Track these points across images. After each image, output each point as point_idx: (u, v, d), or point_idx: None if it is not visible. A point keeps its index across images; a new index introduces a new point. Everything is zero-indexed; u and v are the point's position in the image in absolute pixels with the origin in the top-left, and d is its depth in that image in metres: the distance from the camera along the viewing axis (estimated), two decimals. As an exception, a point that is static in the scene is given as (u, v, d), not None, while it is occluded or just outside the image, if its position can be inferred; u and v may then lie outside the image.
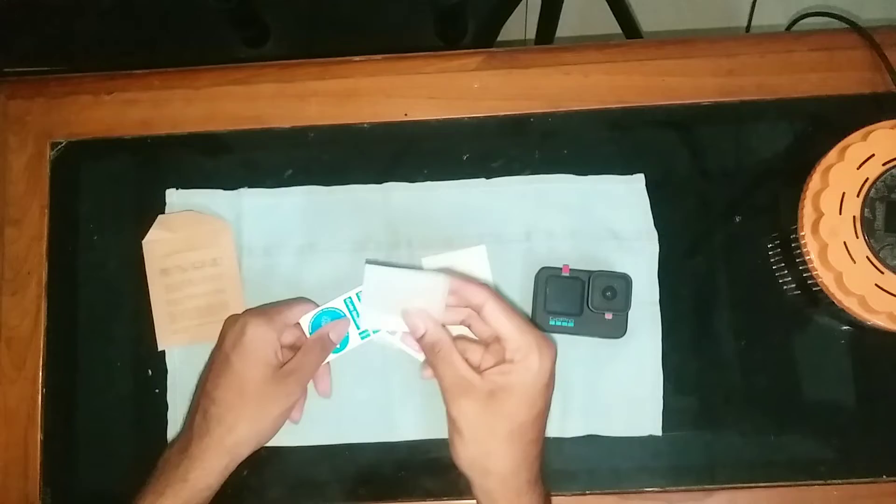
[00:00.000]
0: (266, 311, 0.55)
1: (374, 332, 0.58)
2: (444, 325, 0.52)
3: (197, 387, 0.57)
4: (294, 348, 0.56)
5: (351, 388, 0.59)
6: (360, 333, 0.58)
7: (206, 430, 0.51)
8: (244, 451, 0.52)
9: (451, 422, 0.49)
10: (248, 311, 0.56)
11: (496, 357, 0.51)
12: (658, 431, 0.58)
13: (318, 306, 0.57)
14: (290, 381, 0.53)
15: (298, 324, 0.57)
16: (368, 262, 0.52)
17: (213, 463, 0.51)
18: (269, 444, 0.58)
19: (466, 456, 0.49)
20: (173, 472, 0.51)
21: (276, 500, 0.59)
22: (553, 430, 0.58)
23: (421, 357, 0.54)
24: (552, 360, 0.49)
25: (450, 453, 0.50)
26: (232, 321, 0.55)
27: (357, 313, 0.58)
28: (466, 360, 0.50)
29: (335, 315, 0.58)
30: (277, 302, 0.58)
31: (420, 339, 0.51)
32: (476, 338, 0.54)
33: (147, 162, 0.63)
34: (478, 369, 0.50)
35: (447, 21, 0.84)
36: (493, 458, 0.48)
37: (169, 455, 0.53)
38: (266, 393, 0.52)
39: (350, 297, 0.58)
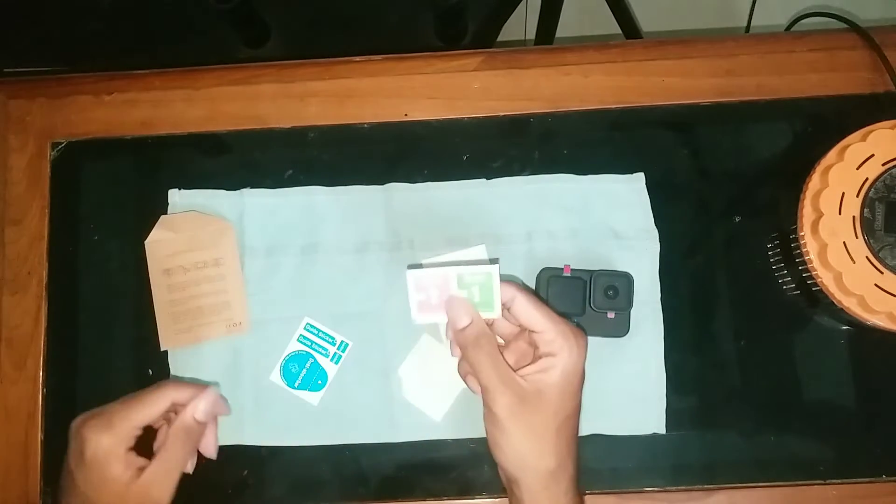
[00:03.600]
0: (108, 415, 0.48)
1: (343, 350, 0.59)
2: None
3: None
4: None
5: (351, 388, 0.59)
6: (332, 358, 0.59)
7: None
8: None
9: (494, 419, 0.47)
10: (88, 419, 0.49)
11: (516, 354, 0.50)
12: (662, 430, 0.58)
13: (182, 385, 0.51)
14: (150, 488, 0.47)
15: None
16: (410, 266, 0.50)
17: None
18: (269, 444, 0.59)
19: (514, 454, 0.47)
20: None
21: (276, 500, 0.59)
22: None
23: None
24: (585, 348, 0.48)
25: (490, 451, 0.48)
26: (73, 431, 0.49)
27: (318, 344, 0.58)
28: None
29: (302, 358, 0.59)
30: (127, 397, 0.50)
31: (461, 331, 0.49)
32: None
33: (147, 162, 0.63)
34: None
35: (447, 21, 0.84)
36: (543, 455, 0.47)
37: None
38: None
39: (301, 334, 0.59)
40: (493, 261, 0.48)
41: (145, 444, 0.51)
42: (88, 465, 0.47)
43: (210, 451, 0.53)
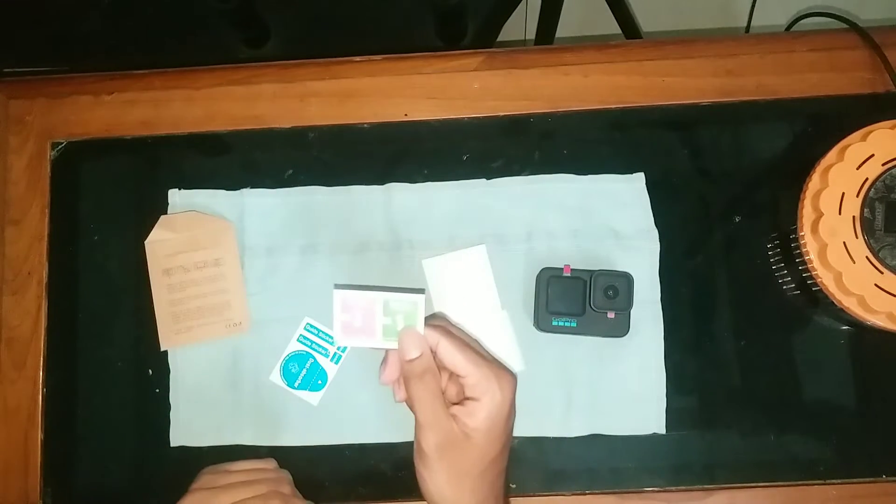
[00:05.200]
0: None
1: (343, 351, 0.59)
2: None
3: None
4: None
5: (351, 388, 0.59)
6: (332, 358, 0.59)
7: None
8: None
9: (422, 456, 0.47)
10: None
11: (455, 388, 0.50)
12: (662, 430, 0.58)
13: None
14: None
15: None
16: (337, 286, 0.50)
17: None
18: (269, 444, 0.59)
19: (437, 493, 0.47)
20: None
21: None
22: (557, 430, 0.58)
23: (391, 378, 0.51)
24: (512, 388, 0.48)
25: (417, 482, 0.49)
26: None
27: (318, 344, 0.59)
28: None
29: (302, 358, 0.59)
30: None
31: (409, 363, 0.49)
32: None
33: (147, 162, 0.63)
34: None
35: (447, 21, 0.84)
36: (463, 496, 0.47)
37: None
38: None
39: (301, 334, 0.59)
40: (420, 290, 0.49)
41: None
42: None
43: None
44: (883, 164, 0.52)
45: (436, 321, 0.51)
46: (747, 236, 0.60)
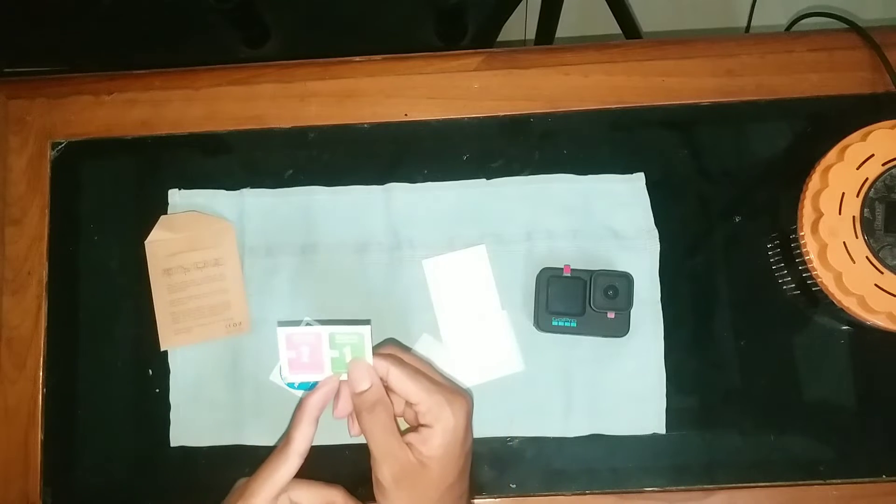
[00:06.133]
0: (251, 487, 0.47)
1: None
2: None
3: None
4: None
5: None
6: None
7: None
8: None
9: (380, 487, 0.48)
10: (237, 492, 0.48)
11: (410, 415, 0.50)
12: (662, 430, 0.58)
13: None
14: None
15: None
16: (280, 323, 0.49)
17: None
18: (269, 444, 0.59)
19: None
20: None
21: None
22: (557, 431, 0.58)
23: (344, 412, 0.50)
24: (466, 412, 0.48)
25: None
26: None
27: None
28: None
29: None
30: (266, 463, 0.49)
31: (359, 395, 0.49)
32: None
33: (147, 162, 0.63)
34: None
35: (447, 21, 0.84)
36: None
37: None
38: None
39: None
40: (365, 322, 0.49)
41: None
42: None
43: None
44: (883, 164, 0.52)
45: (386, 349, 0.51)
46: (747, 236, 0.60)
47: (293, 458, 0.48)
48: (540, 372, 0.59)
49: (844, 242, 0.52)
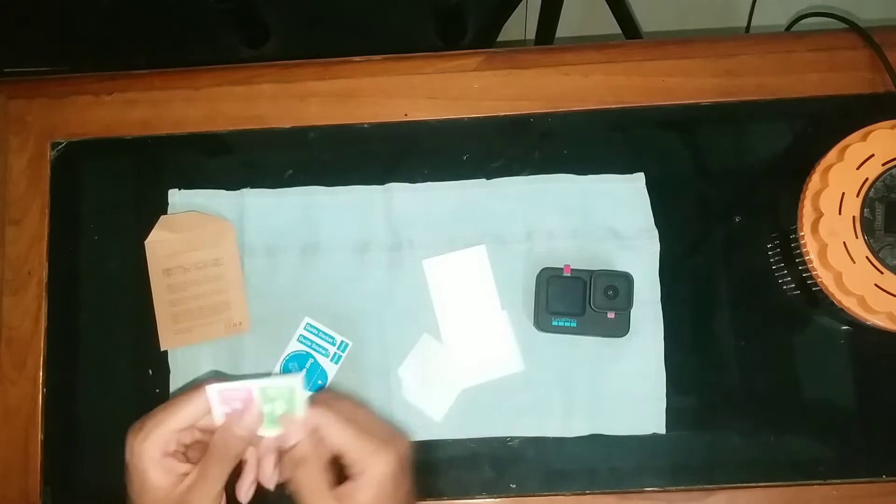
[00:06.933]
0: (148, 419, 0.47)
1: (343, 350, 0.59)
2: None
3: None
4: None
5: (351, 388, 0.59)
6: (332, 358, 0.59)
7: None
8: None
9: None
10: (134, 424, 0.47)
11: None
12: (662, 430, 0.58)
13: (225, 381, 0.48)
14: (188, 499, 0.45)
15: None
16: (207, 382, 0.47)
17: None
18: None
19: None
20: None
21: (276, 500, 0.59)
22: (557, 431, 0.58)
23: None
24: (398, 457, 0.47)
25: None
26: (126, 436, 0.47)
27: (318, 344, 0.58)
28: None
29: (302, 358, 0.58)
30: (172, 399, 0.48)
31: (289, 451, 0.47)
32: None
33: (147, 162, 0.63)
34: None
35: (447, 21, 0.84)
36: None
37: None
38: None
39: (301, 334, 0.59)
40: (297, 373, 0.47)
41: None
42: (130, 470, 0.46)
43: (266, 479, 0.49)
44: (883, 164, 0.52)
45: (321, 396, 0.49)
46: (747, 236, 0.60)
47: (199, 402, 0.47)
48: (540, 372, 0.59)
49: (844, 242, 0.52)
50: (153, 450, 0.46)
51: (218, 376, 0.59)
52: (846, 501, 0.57)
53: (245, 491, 0.50)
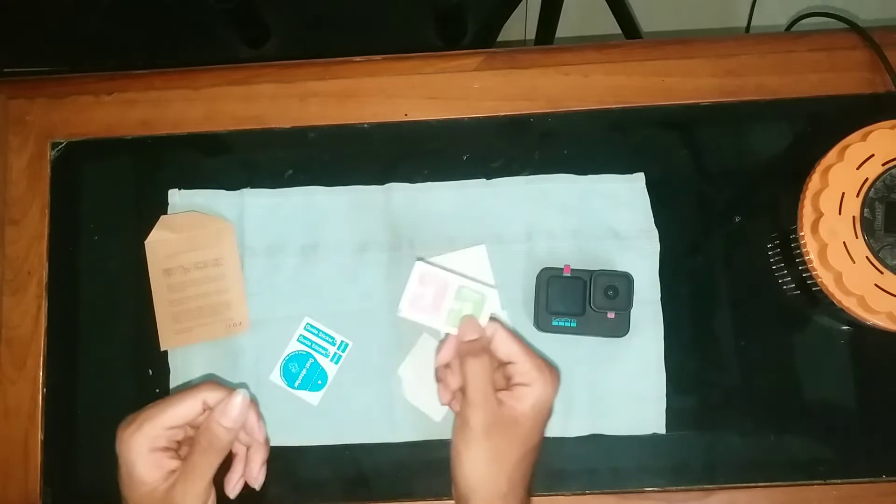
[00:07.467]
0: (140, 415, 0.47)
1: (343, 350, 0.59)
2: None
3: None
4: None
5: (351, 388, 0.59)
6: (332, 358, 0.59)
7: None
8: None
9: (468, 433, 0.48)
10: (126, 419, 0.48)
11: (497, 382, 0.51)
12: (662, 430, 0.58)
13: (218, 388, 0.48)
14: (175, 494, 0.46)
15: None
16: (420, 259, 0.52)
17: None
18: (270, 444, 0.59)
19: (473, 473, 0.48)
20: None
21: (276, 500, 0.59)
22: (557, 430, 0.58)
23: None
24: (556, 386, 0.50)
25: (450, 457, 0.50)
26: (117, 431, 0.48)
27: (318, 344, 0.59)
28: None
29: (302, 358, 0.59)
30: (166, 397, 0.49)
31: (467, 342, 0.51)
32: None
33: (147, 162, 0.63)
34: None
35: (447, 21, 0.84)
36: (499, 479, 0.48)
37: None
38: None
39: (301, 334, 0.59)
40: (493, 286, 0.50)
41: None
42: (120, 465, 0.47)
43: (252, 478, 0.50)
44: (883, 164, 0.52)
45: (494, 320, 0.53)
46: (747, 236, 0.60)
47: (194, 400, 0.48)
48: (540, 372, 0.59)
49: (844, 242, 0.52)
50: (141, 443, 0.46)
51: (217, 378, 0.59)
52: (846, 501, 0.57)
53: (233, 486, 0.50)
